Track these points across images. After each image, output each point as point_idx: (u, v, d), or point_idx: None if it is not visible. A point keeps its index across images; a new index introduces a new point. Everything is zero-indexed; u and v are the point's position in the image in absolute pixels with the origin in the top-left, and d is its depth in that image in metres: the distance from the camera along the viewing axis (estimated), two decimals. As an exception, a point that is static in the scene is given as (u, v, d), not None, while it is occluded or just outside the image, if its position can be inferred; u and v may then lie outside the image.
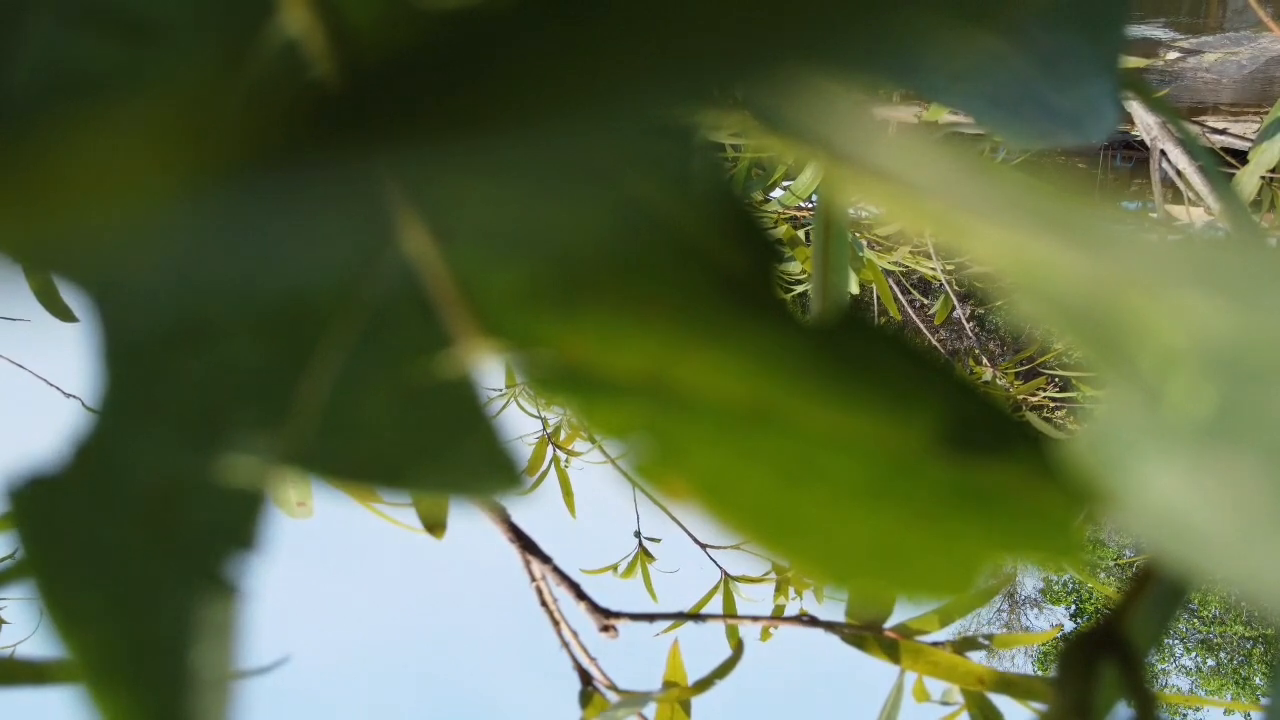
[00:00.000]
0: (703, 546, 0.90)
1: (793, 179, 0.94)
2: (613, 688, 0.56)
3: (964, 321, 1.68)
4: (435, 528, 0.50)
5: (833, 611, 0.50)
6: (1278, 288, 0.08)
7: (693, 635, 0.58)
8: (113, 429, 0.10)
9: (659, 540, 1.11)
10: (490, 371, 0.11)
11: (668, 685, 0.53)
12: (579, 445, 1.14)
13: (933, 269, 1.40)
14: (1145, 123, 0.84)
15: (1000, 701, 0.46)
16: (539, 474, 1.13)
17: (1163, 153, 0.85)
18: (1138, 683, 0.12)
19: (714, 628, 0.62)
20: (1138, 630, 0.13)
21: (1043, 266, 0.08)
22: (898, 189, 0.09)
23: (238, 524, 0.10)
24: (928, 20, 0.07)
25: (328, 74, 0.10)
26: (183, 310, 0.10)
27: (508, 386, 1.07)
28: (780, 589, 0.85)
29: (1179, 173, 0.85)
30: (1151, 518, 0.08)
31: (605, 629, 0.56)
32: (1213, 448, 0.08)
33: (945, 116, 0.93)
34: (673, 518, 0.83)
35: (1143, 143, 0.87)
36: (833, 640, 0.49)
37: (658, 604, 1.05)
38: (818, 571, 0.10)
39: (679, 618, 0.59)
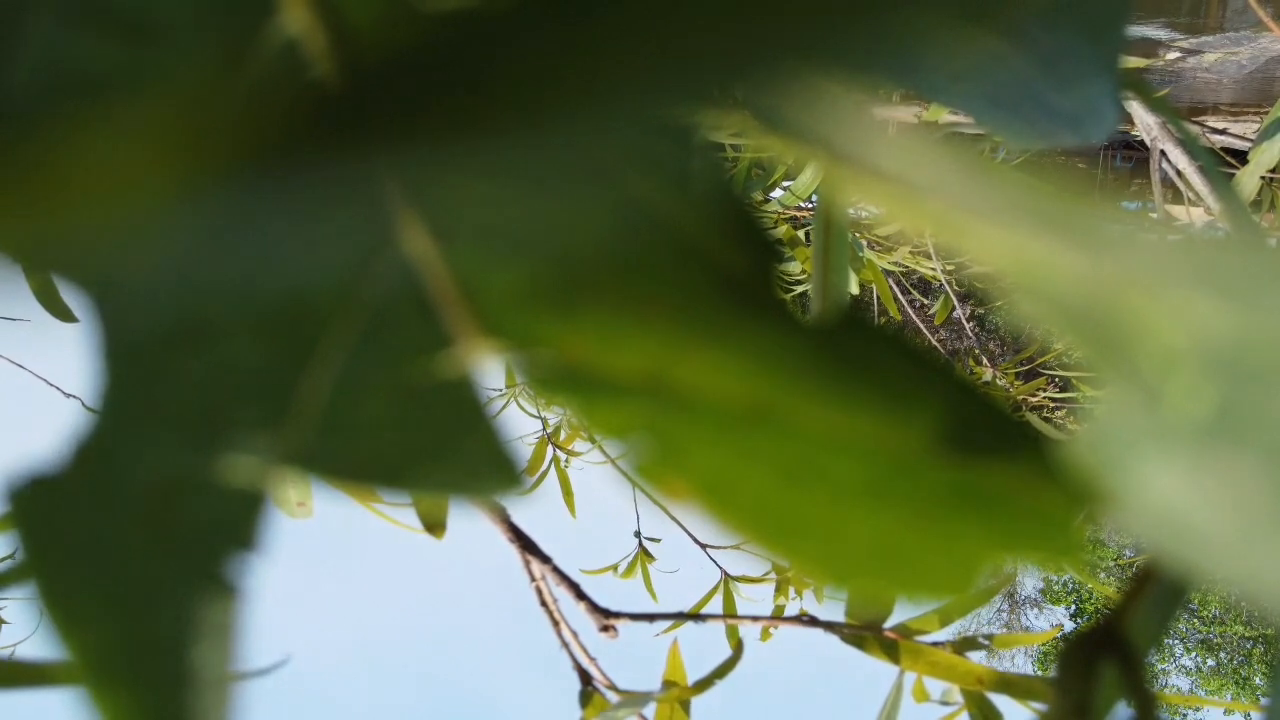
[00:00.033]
0: (703, 546, 0.90)
1: (793, 179, 0.94)
2: (613, 688, 0.56)
3: (964, 321, 1.68)
4: (435, 528, 0.50)
5: (833, 611, 0.50)
6: (1278, 288, 0.08)
7: (693, 635, 0.58)
8: (113, 429, 0.10)
9: (659, 540, 1.11)
10: (490, 371, 0.11)
11: (667, 685, 0.53)
12: (579, 445, 1.14)
13: (933, 269, 1.40)
14: (1145, 123, 0.84)
15: (1000, 701, 0.47)
16: (539, 474, 1.13)
17: (1163, 153, 0.85)
18: (1138, 683, 0.12)
19: (714, 628, 0.62)
20: (1138, 630, 0.13)
21: (1043, 266, 0.08)
22: (898, 189, 0.09)
23: (238, 524, 0.10)
24: (928, 20, 0.07)
25: (328, 74, 0.10)
26: (183, 310, 0.10)
27: (508, 386, 1.07)
28: (780, 589, 0.85)
29: (1179, 173, 0.85)
30: (1151, 518, 0.08)
31: (605, 629, 0.56)
32: (1213, 448, 0.08)
33: (945, 116, 0.93)
34: (673, 518, 0.83)
35: (1143, 143, 0.87)
36: (833, 640, 0.49)
37: (658, 604, 1.06)
38: (818, 571, 0.10)
39: (679, 618, 0.59)
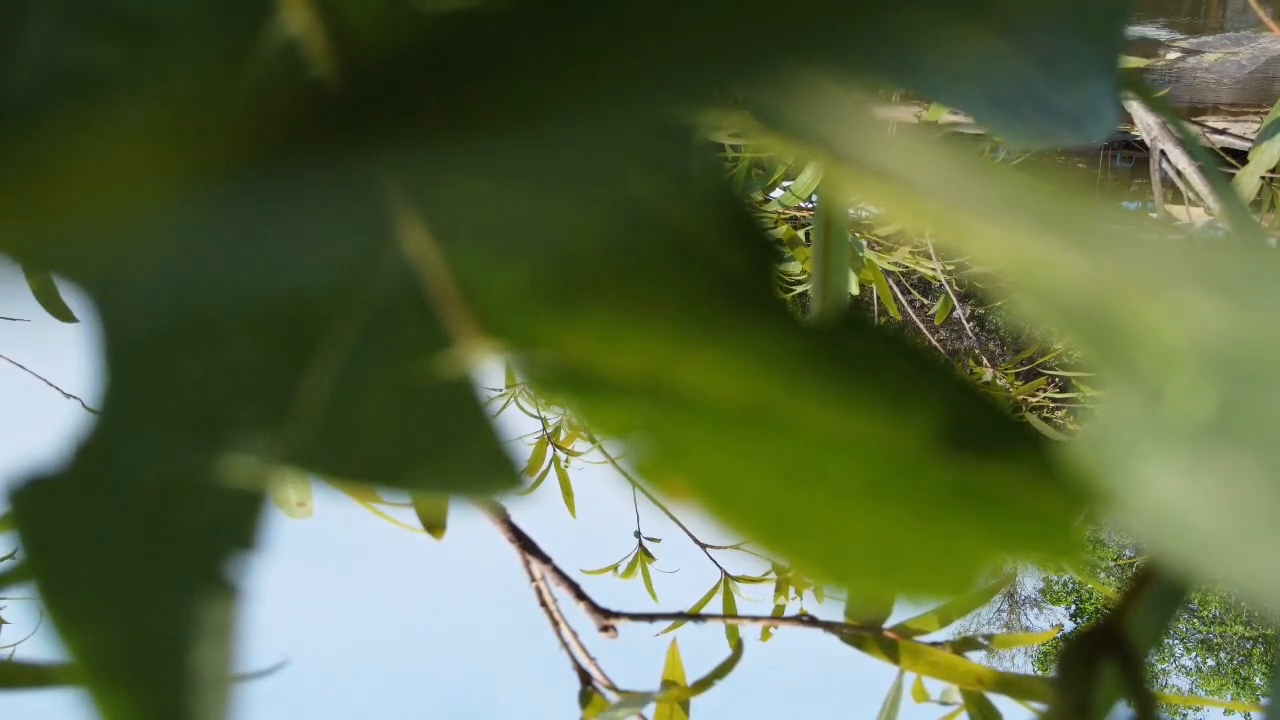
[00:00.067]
0: (703, 546, 0.90)
1: (793, 179, 0.94)
2: (612, 688, 0.56)
3: (964, 321, 1.68)
4: (435, 528, 0.50)
5: (832, 611, 0.50)
6: (1278, 288, 0.08)
7: (693, 635, 0.58)
8: (113, 429, 0.10)
9: (659, 540, 1.11)
10: (490, 371, 0.11)
11: (667, 685, 0.53)
12: (579, 445, 1.14)
13: (933, 269, 1.40)
14: (1145, 123, 0.84)
15: (1000, 702, 0.47)
16: (539, 474, 1.13)
17: (1163, 153, 0.85)
18: (1138, 683, 0.12)
19: (714, 628, 0.62)
20: (1138, 630, 0.13)
21: (1043, 266, 0.08)
22: (898, 189, 0.09)
23: (238, 524, 0.10)
24: (928, 20, 0.07)
25: (328, 74, 0.10)
26: (183, 310, 0.10)
27: (508, 386, 1.07)
28: (780, 589, 0.85)
29: (1179, 173, 0.85)
30: (1151, 518, 0.08)
31: (605, 629, 0.56)
32: (1213, 448, 0.08)
33: (945, 116, 0.93)
34: (673, 518, 0.83)
35: (1143, 143, 0.87)
36: (833, 640, 0.49)
37: (658, 604, 1.06)
38: (818, 571, 0.10)
39: (678, 618, 0.59)
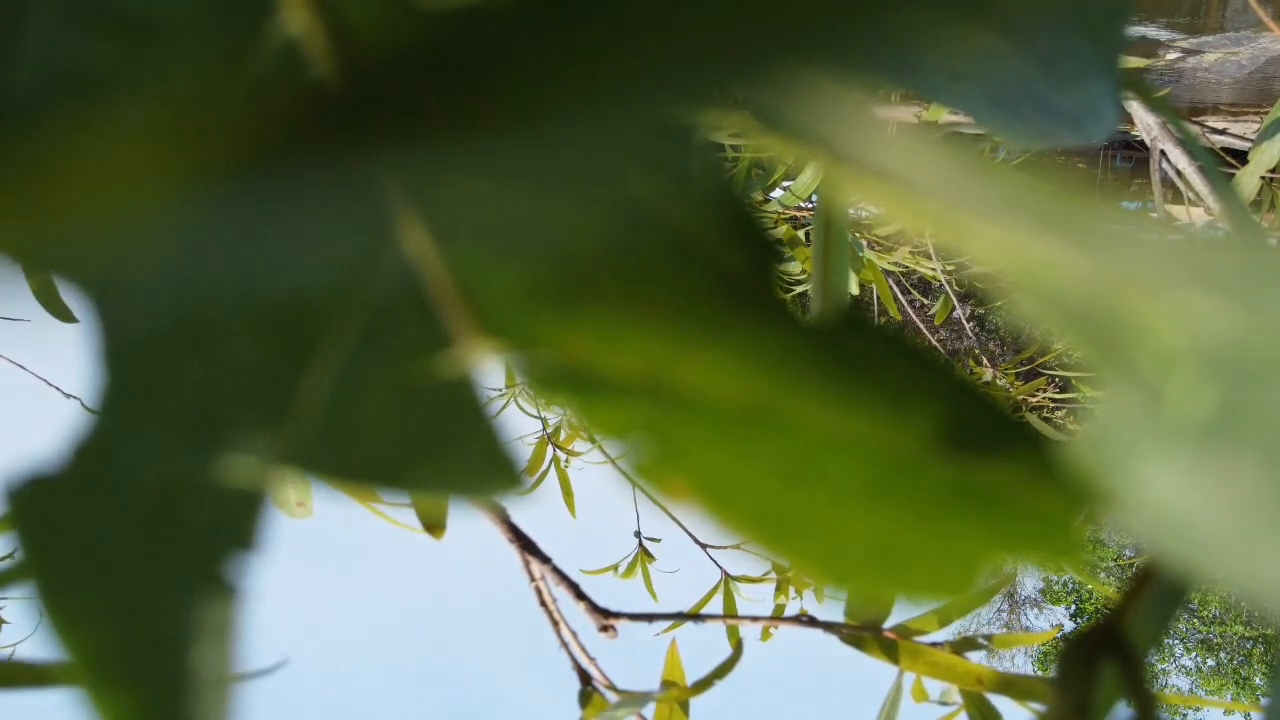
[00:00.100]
0: (703, 546, 0.90)
1: (793, 179, 0.94)
2: (612, 688, 0.56)
3: (964, 321, 1.68)
4: (435, 528, 0.50)
5: (832, 611, 0.50)
6: (1278, 288, 0.08)
7: (693, 635, 0.58)
8: (113, 429, 0.10)
9: (659, 540, 1.11)
10: (490, 371, 0.11)
11: (666, 685, 0.53)
12: (579, 445, 1.14)
13: (933, 269, 1.40)
14: (1145, 123, 0.84)
15: (1000, 702, 0.46)
16: (539, 474, 1.13)
17: (1163, 153, 0.85)
18: (1138, 683, 0.12)
19: (714, 628, 0.62)
20: (1138, 630, 0.13)
21: (1043, 266, 0.08)
22: (898, 189, 0.09)
23: (238, 524, 0.10)
24: (928, 20, 0.07)
25: (328, 74, 0.10)
26: (183, 310, 0.10)
27: (508, 386, 1.07)
28: (780, 589, 0.85)
29: (1179, 173, 0.85)
30: (1151, 518, 0.08)
31: (604, 629, 0.56)
32: (1213, 448, 0.08)
33: (945, 116, 0.93)
34: (673, 518, 0.83)
35: (1143, 143, 0.87)
36: (833, 640, 0.49)
37: (658, 604, 1.06)
38: (818, 571, 0.10)
39: (678, 618, 0.59)
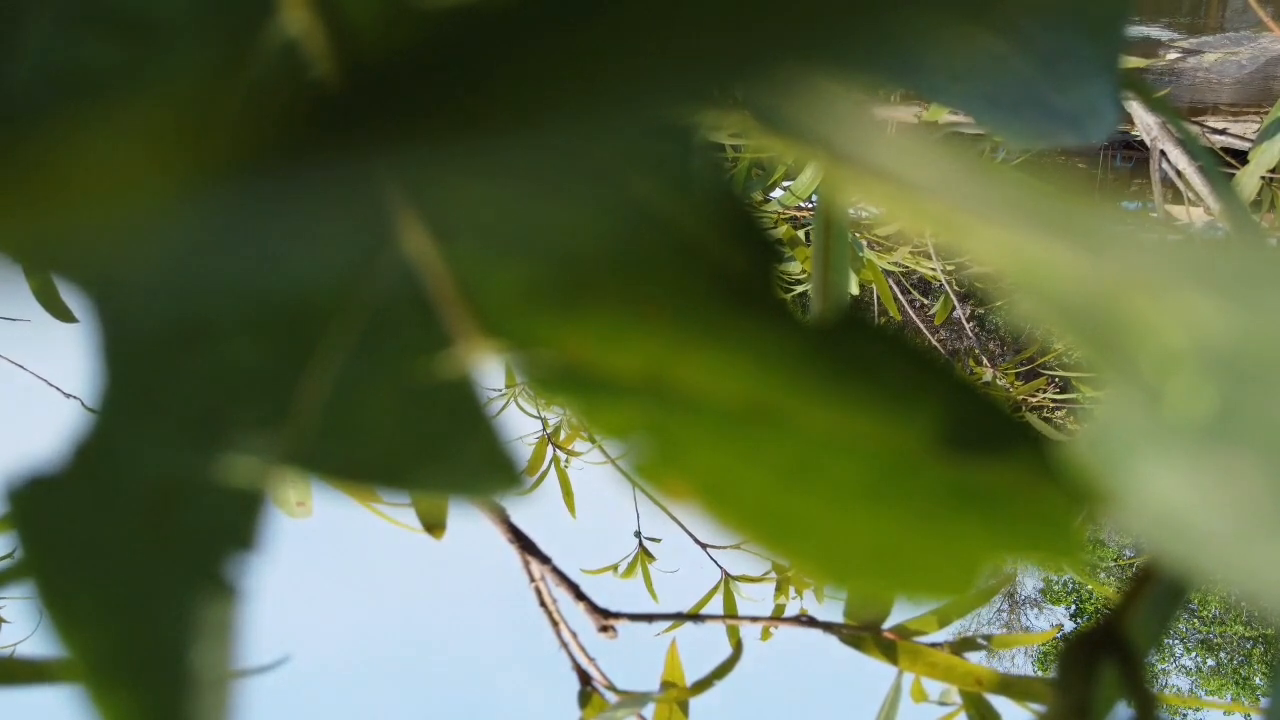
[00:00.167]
0: (703, 546, 0.90)
1: (793, 179, 0.94)
2: (612, 688, 0.56)
3: (964, 321, 1.68)
4: (435, 528, 0.50)
5: (832, 612, 0.50)
6: (1278, 288, 0.08)
7: (694, 635, 0.58)
8: (113, 429, 0.10)
9: (659, 540, 1.11)
10: (490, 371, 0.11)
11: (666, 686, 0.53)
12: (579, 445, 1.14)
13: (933, 269, 1.40)
14: (1145, 123, 0.84)
15: (999, 702, 0.46)
16: (539, 474, 1.13)
17: (1163, 153, 0.85)
18: (1138, 683, 0.12)
19: (714, 628, 0.62)
20: (1138, 630, 0.13)
21: (1043, 266, 0.08)
22: (898, 189, 0.09)
23: (237, 524, 0.10)
24: (928, 20, 0.07)
25: (328, 74, 0.10)
26: (183, 310, 0.10)
27: (508, 386, 1.07)
28: (781, 588, 0.85)
29: (1179, 173, 0.85)
30: (1151, 518, 0.08)
31: (604, 629, 0.56)
32: (1213, 448, 0.08)
33: (945, 116, 0.93)
34: (673, 518, 0.83)
35: (1143, 143, 0.87)
36: (833, 640, 0.49)
37: (658, 604, 1.06)
38: (818, 572, 0.10)
39: (677, 618, 0.59)
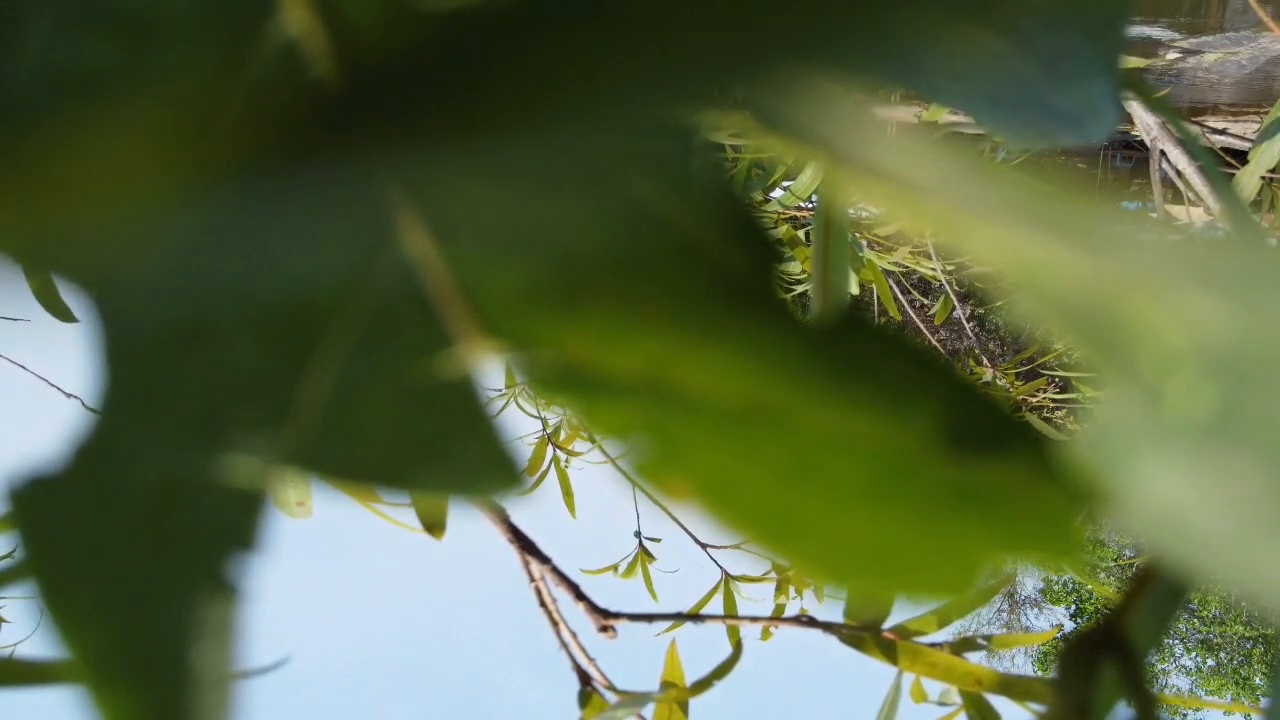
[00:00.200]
0: (703, 546, 0.90)
1: (793, 179, 0.94)
2: (611, 688, 0.56)
3: (964, 321, 1.68)
4: (435, 528, 0.50)
5: (832, 612, 0.50)
6: (1278, 288, 0.08)
7: (694, 634, 0.58)
8: (113, 429, 0.10)
9: (659, 540, 1.11)
10: (490, 371, 0.11)
11: (666, 686, 0.53)
12: (579, 445, 1.14)
13: (933, 269, 1.40)
14: (1145, 123, 0.84)
15: (999, 702, 0.46)
16: (539, 474, 1.13)
17: (1163, 153, 0.85)
18: (1138, 683, 0.12)
19: (714, 627, 0.62)
20: (1138, 630, 0.13)
21: (1043, 266, 0.08)
22: (898, 189, 0.09)
23: (238, 524, 0.10)
24: (928, 20, 0.07)
25: (328, 74, 0.10)
26: (183, 310, 0.10)
27: (508, 386, 1.07)
28: (781, 588, 0.85)
29: (1179, 173, 0.85)
30: (1151, 518, 0.08)
31: (604, 629, 0.56)
32: (1213, 448, 0.08)
33: (945, 116, 0.93)
34: (673, 518, 0.83)
35: (1143, 143, 0.87)
36: (833, 640, 0.49)
37: (658, 604, 1.06)
38: (818, 571, 0.10)
39: (677, 618, 0.59)
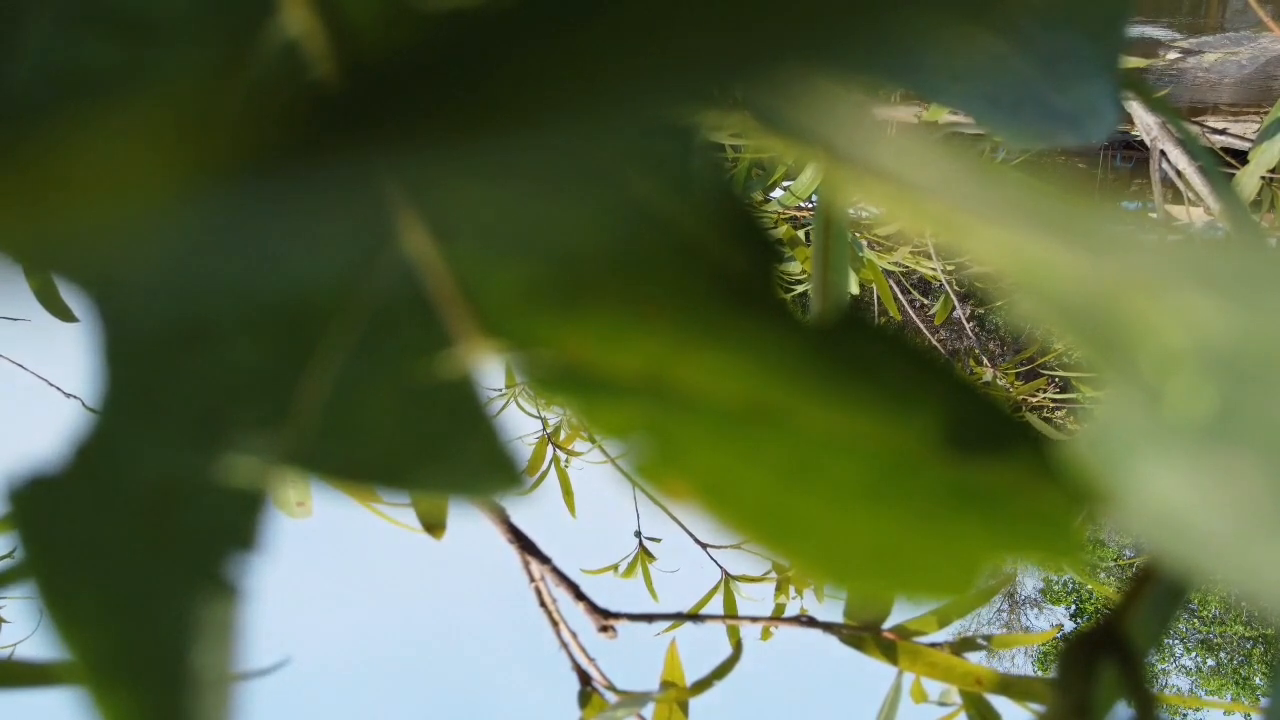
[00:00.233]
0: (703, 546, 0.90)
1: (793, 179, 0.94)
2: (611, 688, 0.56)
3: (964, 321, 1.68)
4: (435, 528, 0.50)
5: (832, 612, 0.50)
6: (1278, 288, 0.08)
7: (694, 634, 0.58)
8: (113, 429, 0.10)
9: (659, 540, 1.11)
10: (490, 371, 0.11)
11: (666, 686, 0.53)
12: (579, 445, 1.14)
13: (933, 269, 1.40)
14: (1145, 123, 0.84)
15: (999, 702, 0.47)
16: (539, 474, 1.13)
17: (1163, 153, 0.85)
18: (1138, 683, 0.12)
19: (714, 627, 0.62)
20: (1138, 630, 0.13)
21: (1043, 266, 0.08)
22: (898, 189, 0.09)
23: (238, 524, 0.10)
24: (928, 20, 0.07)
25: (328, 74, 0.10)
26: (183, 310, 0.10)
27: (508, 386, 1.07)
28: (781, 588, 0.85)
29: (1179, 173, 0.85)
30: (1151, 518, 0.08)
31: (604, 629, 0.56)
32: (1213, 448, 0.08)
33: (945, 116, 0.93)
34: (673, 518, 0.83)
35: (1143, 143, 0.87)
36: (833, 640, 0.49)
37: (659, 604, 1.06)
38: (818, 572, 0.10)
39: (677, 618, 0.59)
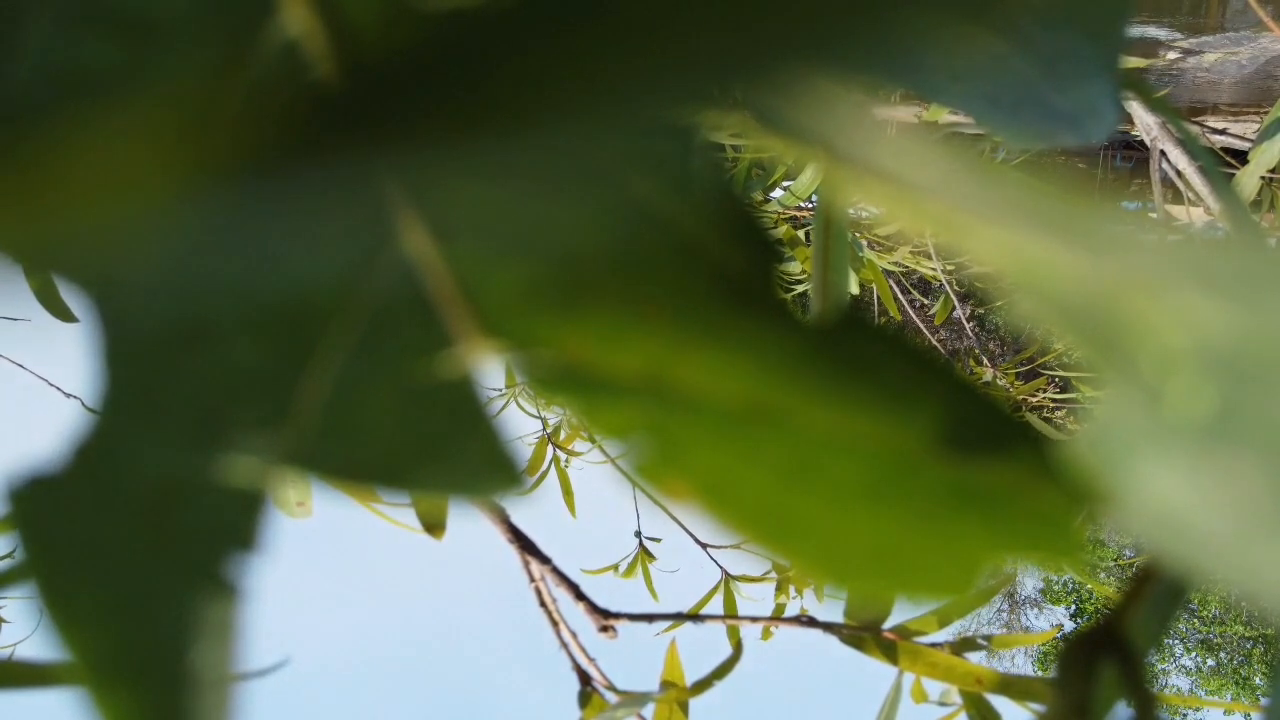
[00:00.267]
0: (703, 546, 0.90)
1: (793, 179, 0.94)
2: (612, 688, 0.56)
3: (964, 321, 1.68)
4: (434, 528, 0.50)
5: (832, 612, 0.50)
6: (1278, 288, 0.08)
7: (694, 634, 0.58)
8: (113, 429, 0.10)
9: (659, 540, 1.11)
10: (490, 371, 0.11)
11: (666, 686, 0.53)
12: (579, 445, 1.14)
13: (933, 269, 1.40)
14: (1145, 123, 0.84)
15: (999, 702, 0.47)
16: (539, 474, 1.13)
17: (1163, 153, 0.85)
18: (1138, 683, 0.12)
19: (714, 627, 0.62)
20: (1138, 630, 0.13)
21: (1043, 266, 0.08)
22: (898, 189, 0.09)
23: (238, 524, 0.10)
24: (928, 20, 0.07)
25: (328, 74, 0.10)
26: (183, 310, 0.10)
27: (508, 386, 1.07)
28: (781, 588, 0.85)
29: (1179, 173, 0.85)
30: (1151, 518, 0.08)
31: (604, 629, 0.56)
32: (1212, 448, 0.08)
33: (945, 116, 0.93)
34: (673, 518, 0.83)
35: (1143, 143, 0.87)
36: (833, 640, 0.49)
37: (659, 604, 1.06)
38: (818, 572, 0.10)
39: (677, 618, 0.59)
